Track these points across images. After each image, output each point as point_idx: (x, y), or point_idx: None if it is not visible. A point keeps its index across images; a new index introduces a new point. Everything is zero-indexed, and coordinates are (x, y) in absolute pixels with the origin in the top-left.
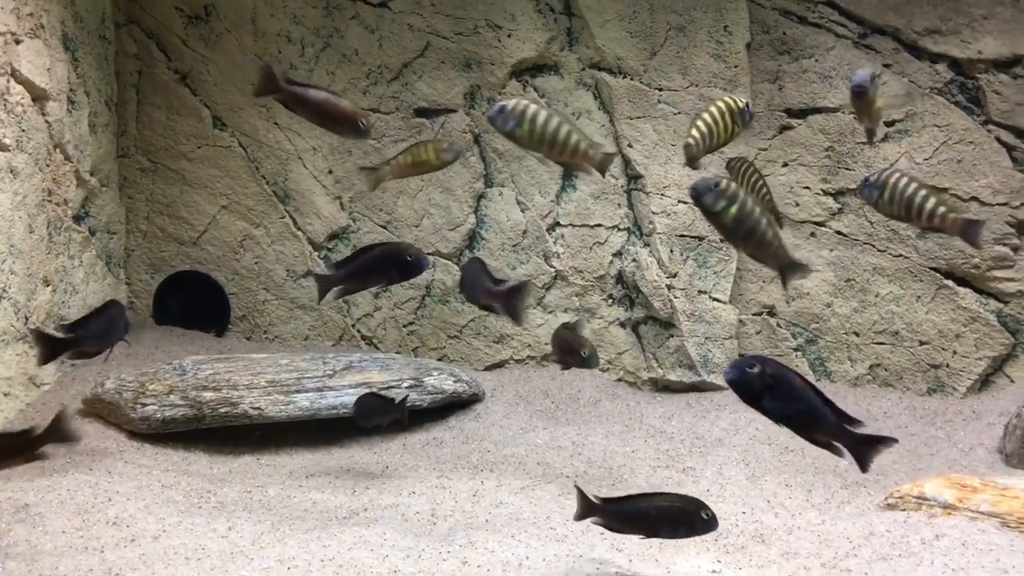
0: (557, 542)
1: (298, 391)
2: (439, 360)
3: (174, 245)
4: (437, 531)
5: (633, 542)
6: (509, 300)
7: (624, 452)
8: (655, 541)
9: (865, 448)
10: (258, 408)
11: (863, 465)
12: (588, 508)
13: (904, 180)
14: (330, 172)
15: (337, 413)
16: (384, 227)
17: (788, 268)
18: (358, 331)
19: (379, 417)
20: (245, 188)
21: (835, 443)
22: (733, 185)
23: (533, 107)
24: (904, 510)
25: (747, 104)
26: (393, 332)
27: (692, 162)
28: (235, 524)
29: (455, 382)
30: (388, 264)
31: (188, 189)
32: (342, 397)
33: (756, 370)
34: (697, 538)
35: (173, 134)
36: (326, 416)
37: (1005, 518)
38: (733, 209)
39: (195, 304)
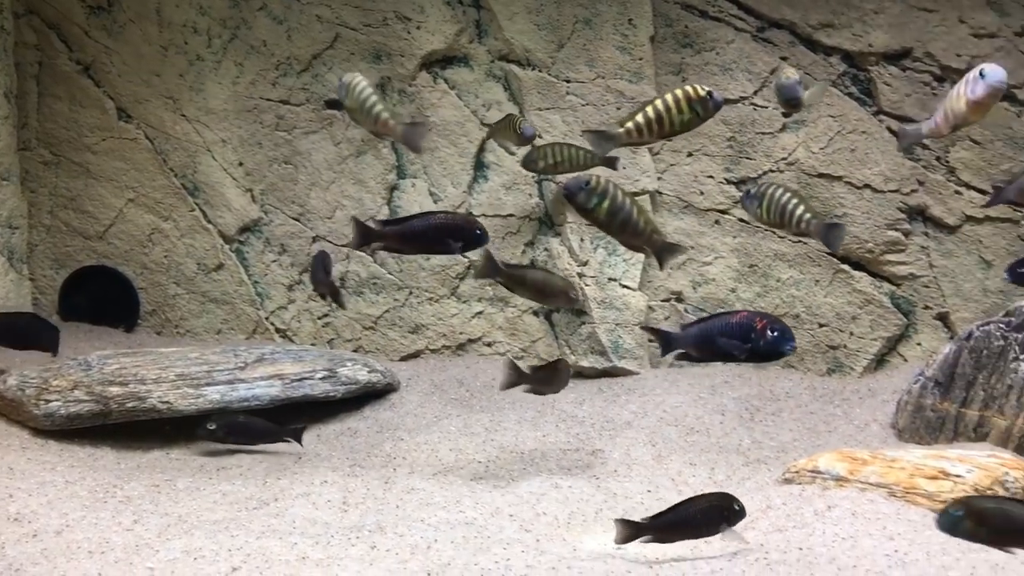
0: (466, 524)
1: (208, 384)
2: (354, 352)
3: (79, 240)
4: (348, 518)
5: (541, 521)
6: (333, 290)
7: (535, 437)
8: (562, 519)
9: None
10: (167, 402)
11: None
12: (634, 530)
13: (779, 191)
14: (240, 164)
15: (249, 405)
16: (297, 219)
17: (664, 251)
18: (272, 324)
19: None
20: (152, 181)
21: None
22: (603, 181)
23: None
24: (800, 484)
25: (709, 93)
26: (308, 324)
27: (604, 152)
28: (141, 517)
29: (369, 372)
30: (448, 233)
31: (93, 182)
32: (254, 390)
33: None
34: (603, 517)
35: (76, 126)
36: (238, 409)
37: (892, 488)
38: (605, 204)
39: (102, 299)
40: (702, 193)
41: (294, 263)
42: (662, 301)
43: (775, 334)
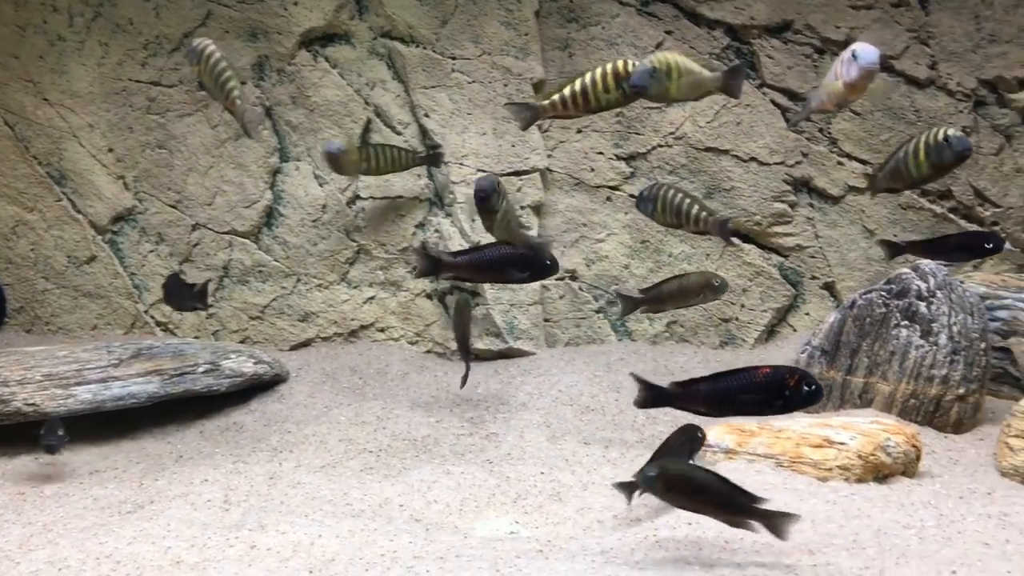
0: (353, 518)
1: (79, 383)
2: (241, 343)
3: None
4: (229, 518)
5: (432, 510)
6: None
7: (429, 422)
8: (454, 507)
9: None
10: (33, 404)
11: None
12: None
13: (671, 192)
14: (110, 150)
15: (124, 404)
16: (174, 207)
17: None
18: (152, 317)
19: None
20: (14, 170)
21: None
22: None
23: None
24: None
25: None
26: (190, 316)
27: (526, 126)
28: (2, 528)
29: (255, 364)
30: (519, 263)
31: None
32: (129, 387)
33: None
34: (496, 502)
35: None
36: (112, 408)
37: (779, 458)
38: (504, 204)
39: None
40: (592, 170)
41: (173, 252)
42: (556, 280)
43: (812, 388)
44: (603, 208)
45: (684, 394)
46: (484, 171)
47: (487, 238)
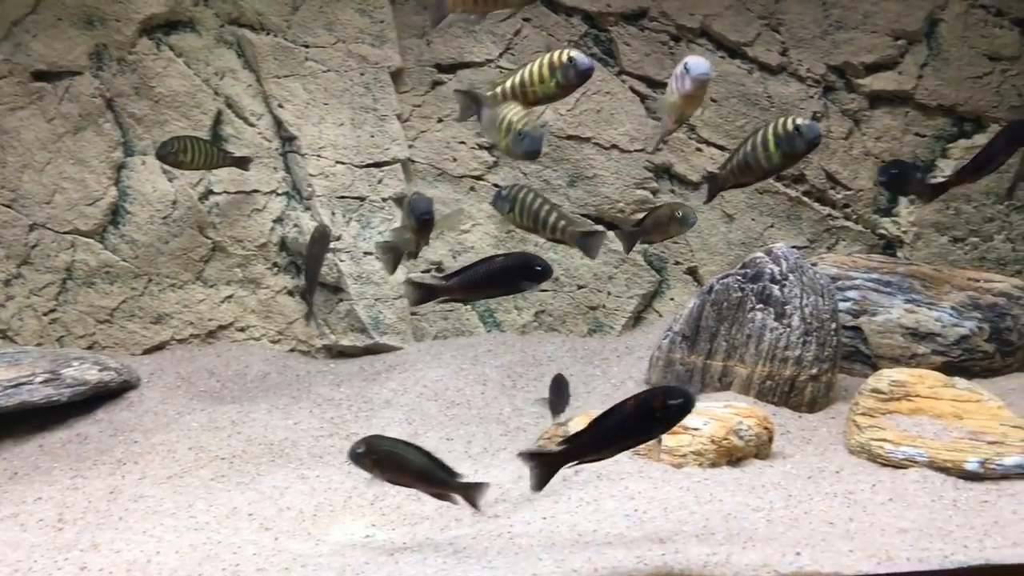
0: (196, 531)
1: None
2: (89, 348)
3: None
4: (61, 537)
5: (284, 517)
6: None
7: (286, 425)
8: (308, 512)
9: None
10: None
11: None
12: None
13: (531, 196)
14: None
15: None
16: (9, 206)
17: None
18: None
19: None
20: None
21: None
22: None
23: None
24: None
25: (571, 58)
26: (32, 322)
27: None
28: None
29: (100, 371)
30: (512, 274)
31: None
32: None
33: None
34: (352, 505)
35: None
36: None
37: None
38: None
39: None
40: (455, 160)
41: (9, 255)
42: (422, 272)
43: (678, 401)
44: (467, 198)
45: (576, 448)
46: (343, 163)
47: (351, 231)
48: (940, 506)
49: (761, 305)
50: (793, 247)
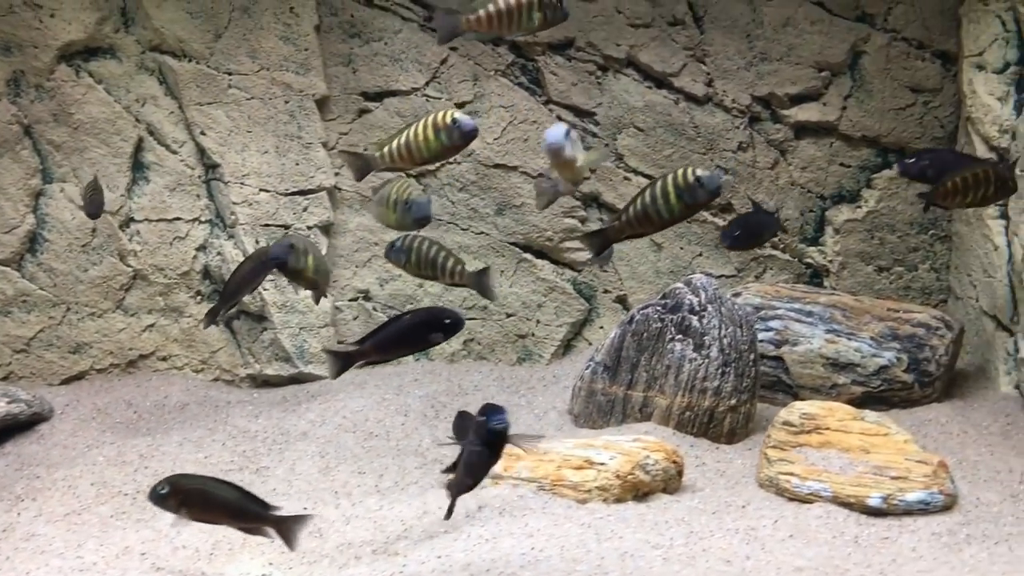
0: (80, 572)
1: None
2: (5, 379)
3: None
4: None
5: (179, 556)
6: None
7: (196, 459)
8: (204, 552)
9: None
10: None
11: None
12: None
13: (426, 244)
14: None
15: None
16: None
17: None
18: None
19: None
20: None
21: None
22: (303, 243)
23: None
24: None
25: (455, 120)
26: None
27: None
28: None
29: (9, 403)
30: (425, 329)
31: None
32: None
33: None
34: (251, 543)
35: None
36: None
37: (541, 482)
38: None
39: None
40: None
41: None
42: (349, 300)
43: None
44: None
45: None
46: (267, 191)
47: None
48: (840, 543)
49: (680, 336)
50: (712, 276)
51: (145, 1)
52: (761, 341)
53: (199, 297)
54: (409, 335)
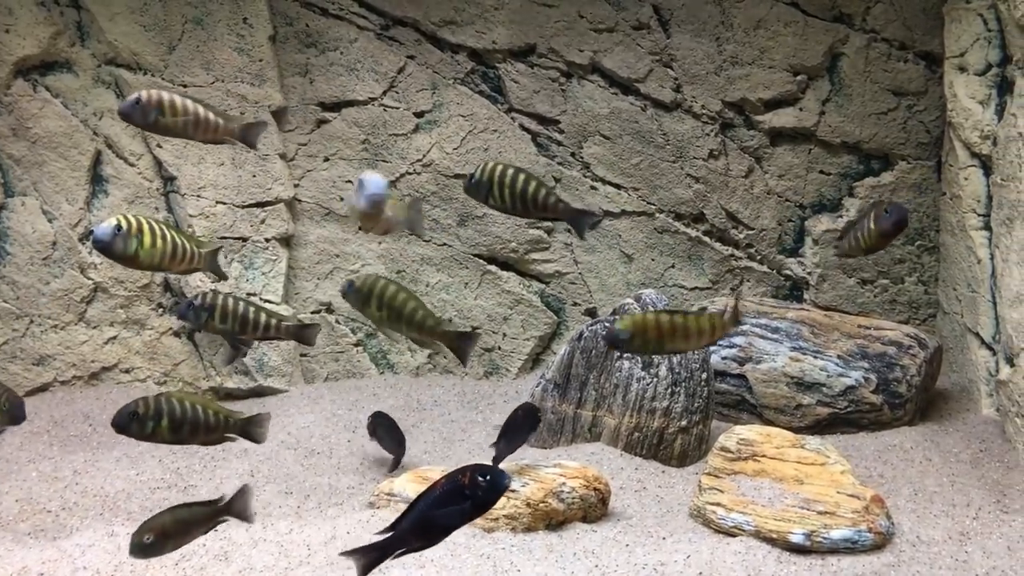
0: None
1: None
2: None
3: None
4: None
5: None
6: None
7: (128, 476)
8: (106, 574)
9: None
10: None
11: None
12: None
13: (231, 300)
14: None
15: None
16: None
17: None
18: None
19: None
20: None
21: None
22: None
23: None
24: (378, 508)
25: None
26: None
27: None
28: None
29: None
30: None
31: None
32: None
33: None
34: (155, 565)
35: None
36: None
37: None
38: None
39: None
40: (342, 199)
41: None
42: (312, 313)
43: (485, 479)
44: (355, 238)
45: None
46: (224, 203)
47: (233, 272)
48: None
49: (628, 354)
50: (685, 288)
51: (99, 15)
52: (724, 358)
53: (160, 309)
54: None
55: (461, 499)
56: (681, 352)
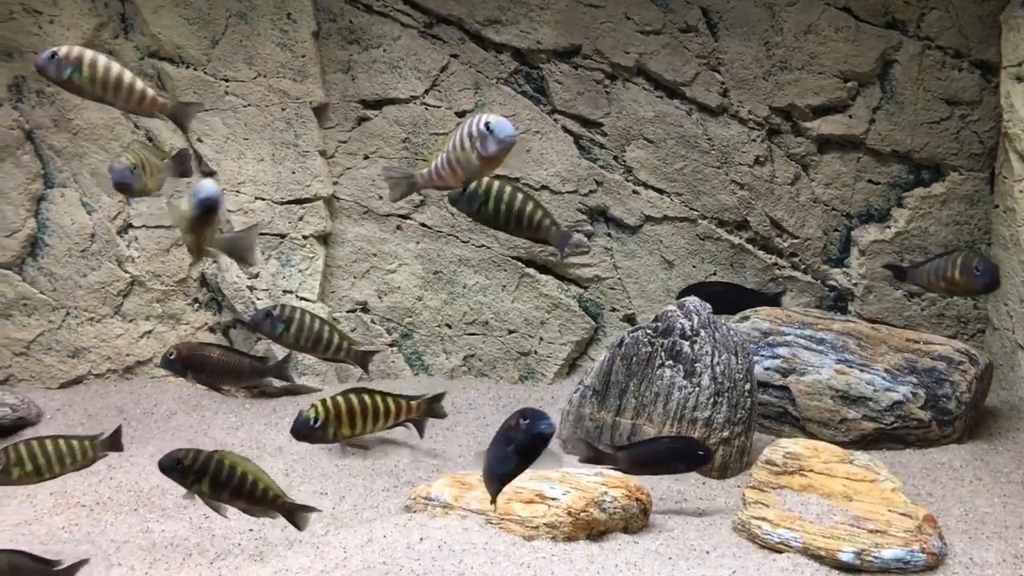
0: None
1: None
2: (4, 381)
3: None
4: None
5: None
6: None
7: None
8: (140, 571)
9: None
10: None
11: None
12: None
13: (308, 317)
14: None
15: None
16: None
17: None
18: None
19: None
20: None
21: None
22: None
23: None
24: (415, 511)
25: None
26: None
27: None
28: None
29: None
30: (676, 456)
31: None
32: None
33: None
34: (191, 563)
35: None
36: None
37: (489, 515)
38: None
39: None
40: (381, 198)
41: None
42: (347, 312)
43: (526, 421)
44: (393, 237)
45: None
46: (262, 199)
47: (270, 268)
48: None
49: (671, 361)
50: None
51: (143, 7)
52: (767, 369)
53: (196, 304)
54: (661, 458)
55: (508, 444)
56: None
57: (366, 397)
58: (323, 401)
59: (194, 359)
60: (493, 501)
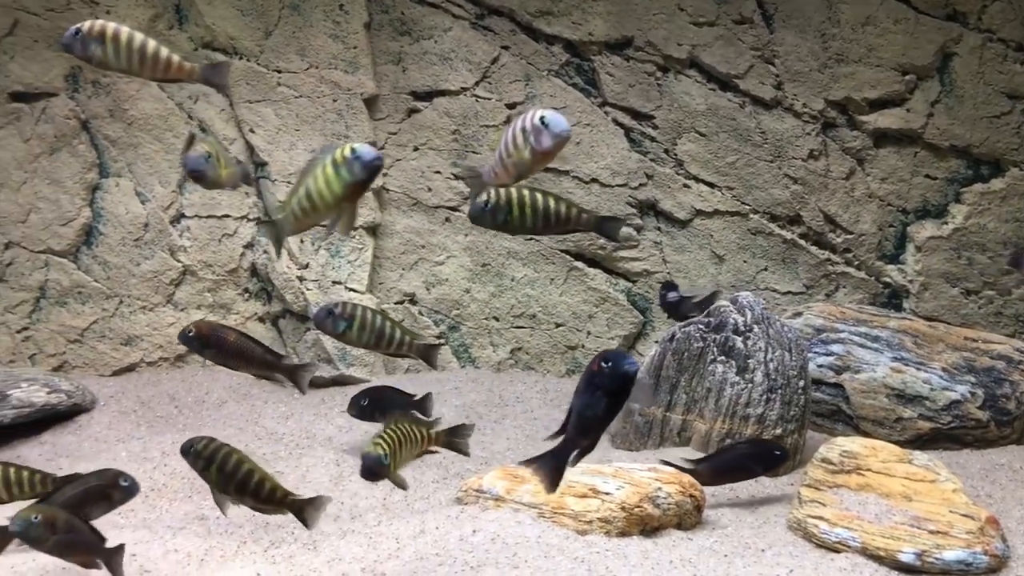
0: (63, 570)
1: None
2: (59, 368)
3: None
4: None
5: (169, 560)
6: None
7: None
8: (196, 557)
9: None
10: None
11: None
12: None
13: (369, 313)
14: None
15: None
16: None
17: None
18: None
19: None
20: None
21: None
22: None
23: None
24: (466, 504)
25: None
26: (5, 339)
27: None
28: None
29: (49, 393)
30: (754, 460)
31: None
32: None
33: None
34: (245, 551)
35: None
36: None
37: (542, 508)
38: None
39: None
40: (430, 189)
41: None
42: (395, 303)
43: (608, 364)
44: (442, 229)
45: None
46: None
47: (319, 259)
48: None
49: (723, 357)
50: (778, 292)
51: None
52: (820, 366)
53: (247, 294)
54: (741, 464)
55: (595, 389)
56: None
57: (410, 427)
58: (382, 437)
59: (212, 338)
60: (586, 452)
